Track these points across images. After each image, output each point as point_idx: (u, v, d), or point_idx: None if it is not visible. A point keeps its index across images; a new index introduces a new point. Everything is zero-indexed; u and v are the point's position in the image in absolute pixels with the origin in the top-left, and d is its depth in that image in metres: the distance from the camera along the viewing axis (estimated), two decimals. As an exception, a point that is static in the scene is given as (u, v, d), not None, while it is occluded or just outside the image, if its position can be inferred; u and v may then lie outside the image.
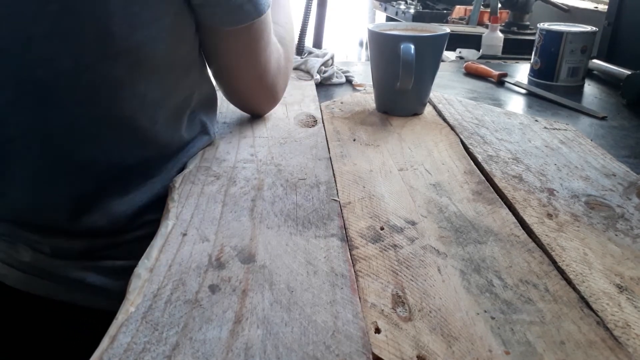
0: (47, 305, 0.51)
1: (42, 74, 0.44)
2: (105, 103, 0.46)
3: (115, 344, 0.30)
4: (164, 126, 0.50)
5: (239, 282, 0.35)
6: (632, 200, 0.48)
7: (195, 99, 0.54)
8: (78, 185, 0.48)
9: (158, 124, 0.50)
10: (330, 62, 0.91)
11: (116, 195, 0.49)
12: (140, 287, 0.35)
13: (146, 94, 0.48)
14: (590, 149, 0.60)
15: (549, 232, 0.43)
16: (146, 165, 0.50)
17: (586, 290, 0.36)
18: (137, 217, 0.50)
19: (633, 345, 0.31)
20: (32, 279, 0.51)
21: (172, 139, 0.52)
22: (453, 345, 0.31)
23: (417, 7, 2.01)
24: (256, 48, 0.55)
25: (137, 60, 0.46)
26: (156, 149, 0.51)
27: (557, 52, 0.89)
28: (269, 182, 0.50)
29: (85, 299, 0.50)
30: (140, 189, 0.50)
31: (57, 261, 0.50)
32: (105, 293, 0.50)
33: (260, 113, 0.67)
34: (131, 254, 0.50)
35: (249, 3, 0.49)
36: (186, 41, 0.50)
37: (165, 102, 0.50)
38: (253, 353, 0.29)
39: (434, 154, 0.58)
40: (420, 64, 0.63)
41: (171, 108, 0.51)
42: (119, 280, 0.50)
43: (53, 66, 0.43)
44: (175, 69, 0.50)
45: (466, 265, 0.38)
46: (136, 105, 0.47)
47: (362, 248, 0.40)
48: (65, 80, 0.44)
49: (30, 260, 0.50)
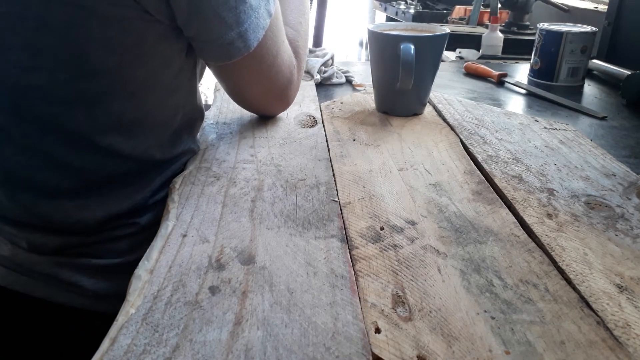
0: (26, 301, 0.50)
1: (18, 82, 0.44)
2: (79, 119, 0.46)
3: (116, 345, 0.30)
4: (143, 145, 0.50)
5: (239, 283, 0.35)
6: (632, 200, 0.48)
7: (179, 118, 0.53)
8: (53, 185, 0.48)
9: (134, 141, 0.49)
10: (330, 62, 0.91)
11: (93, 199, 0.49)
12: (141, 289, 0.35)
13: (123, 113, 0.47)
14: (590, 149, 0.60)
15: (549, 232, 0.43)
16: (123, 176, 0.50)
17: (586, 290, 0.36)
18: (114, 220, 0.50)
19: (633, 345, 0.31)
20: (11, 274, 0.50)
21: (152, 155, 0.51)
22: (453, 345, 0.31)
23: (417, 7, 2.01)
24: (258, 72, 0.55)
25: (113, 82, 0.46)
26: (133, 162, 0.50)
27: (557, 52, 0.89)
28: (268, 183, 0.50)
29: (60, 296, 0.50)
30: (119, 197, 0.50)
31: (35, 256, 0.50)
32: (80, 291, 0.50)
33: (270, 115, 0.67)
34: (107, 253, 0.50)
35: (239, 39, 0.49)
36: (172, 66, 0.50)
37: (144, 122, 0.49)
38: (253, 355, 0.29)
39: (434, 154, 0.58)
40: (420, 64, 0.63)
41: (150, 127, 0.50)
42: (93, 278, 0.50)
43: (29, 77, 0.44)
44: (157, 92, 0.50)
45: (466, 265, 0.38)
46: (111, 123, 0.47)
47: (362, 248, 0.40)
48: (40, 92, 0.44)
49: (9, 254, 0.50)
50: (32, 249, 0.50)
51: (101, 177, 0.49)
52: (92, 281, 0.50)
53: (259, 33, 0.50)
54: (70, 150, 0.47)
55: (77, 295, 0.50)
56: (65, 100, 0.45)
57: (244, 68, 0.53)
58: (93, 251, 0.50)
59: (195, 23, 0.46)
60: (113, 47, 0.44)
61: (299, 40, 0.63)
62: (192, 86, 0.55)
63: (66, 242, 0.50)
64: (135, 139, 0.49)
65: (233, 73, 0.55)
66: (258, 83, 0.57)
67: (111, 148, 0.48)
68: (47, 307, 0.50)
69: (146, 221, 0.52)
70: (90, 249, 0.50)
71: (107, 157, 0.48)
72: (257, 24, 0.49)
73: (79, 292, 0.50)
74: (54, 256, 0.50)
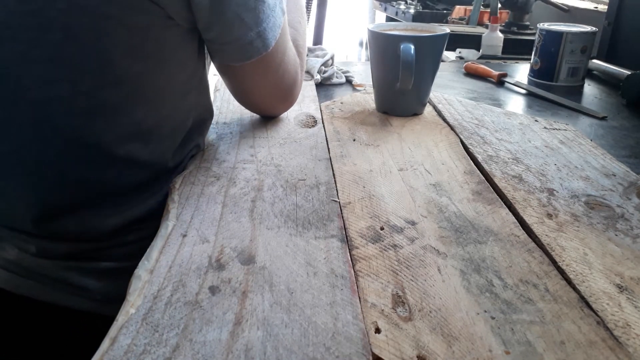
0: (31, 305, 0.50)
1: (38, 95, 0.44)
2: (100, 129, 0.46)
3: (116, 345, 0.30)
4: (158, 150, 0.50)
5: (239, 283, 0.35)
6: (632, 200, 0.48)
7: (190, 121, 0.54)
8: (68, 199, 0.48)
9: (151, 147, 0.49)
10: (330, 62, 0.91)
11: (108, 209, 0.49)
12: (141, 289, 0.35)
13: (142, 120, 0.47)
14: (590, 149, 0.60)
15: (549, 232, 0.43)
16: (138, 185, 0.50)
17: (586, 290, 0.36)
18: (127, 227, 0.50)
19: (633, 345, 0.31)
20: (16, 278, 0.50)
21: (166, 161, 0.51)
22: (453, 345, 0.31)
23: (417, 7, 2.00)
24: (267, 72, 0.55)
25: (134, 89, 0.46)
26: (149, 170, 0.50)
27: (557, 52, 0.89)
28: (268, 183, 0.50)
29: (67, 300, 0.50)
30: (133, 205, 0.50)
31: (42, 260, 0.49)
32: (88, 294, 0.49)
33: (273, 116, 0.67)
34: (116, 257, 0.50)
35: (258, 39, 0.49)
36: (186, 69, 0.50)
37: (160, 128, 0.50)
38: (253, 355, 0.29)
39: (434, 154, 0.58)
40: (420, 64, 0.63)
41: (166, 133, 0.51)
42: (102, 281, 0.49)
43: (50, 90, 0.43)
44: (172, 96, 0.50)
45: (466, 265, 0.38)
46: (131, 132, 0.47)
47: (362, 248, 0.40)
48: (61, 104, 0.44)
49: (15, 258, 0.50)
50: (40, 254, 0.49)
51: (118, 187, 0.49)
52: (101, 284, 0.49)
53: (276, 32, 0.50)
54: (87, 167, 0.47)
55: (84, 299, 0.50)
56: (86, 111, 0.45)
57: (255, 68, 0.53)
58: (103, 255, 0.50)
59: (217, 26, 0.47)
60: (137, 54, 0.44)
61: (299, 39, 0.63)
62: (203, 87, 0.56)
63: (77, 248, 0.49)
64: (152, 144, 0.49)
65: (245, 73, 0.54)
66: (266, 82, 0.57)
67: (129, 156, 0.48)
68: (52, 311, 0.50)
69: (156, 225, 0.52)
70: (101, 253, 0.50)
71: (125, 167, 0.48)
72: (275, 23, 0.50)
73: (87, 296, 0.49)
74: (63, 260, 0.49)
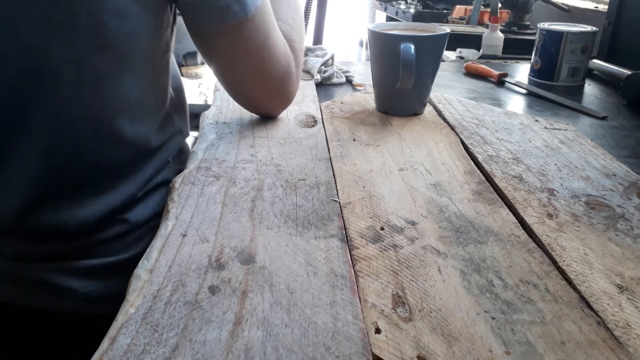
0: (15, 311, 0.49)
1: (27, 65, 0.43)
2: (88, 100, 0.46)
3: (115, 345, 0.30)
4: (142, 126, 0.51)
5: (239, 283, 0.35)
6: (632, 200, 0.48)
7: (168, 99, 0.55)
8: (50, 186, 0.47)
9: (136, 124, 0.50)
10: (330, 62, 0.91)
11: (88, 197, 0.48)
12: (140, 289, 0.35)
13: (128, 92, 0.48)
14: (591, 149, 0.60)
15: (549, 232, 0.42)
16: (121, 166, 0.50)
17: (586, 291, 0.36)
18: (108, 217, 0.50)
19: (634, 345, 0.31)
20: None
21: (148, 140, 0.52)
22: (453, 346, 0.31)
23: (417, 7, 2.00)
24: (250, 48, 0.54)
25: (122, 54, 0.46)
26: (133, 149, 0.51)
27: (557, 52, 0.89)
28: (268, 183, 0.50)
29: (49, 302, 0.49)
30: (114, 190, 0.50)
31: (19, 264, 0.48)
32: (71, 294, 0.48)
33: (271, 115, 0.66)
34: (98, 253, 0.50)
35: (236, 3, 0.49)
36: (162, 40, 0.51)
37: (144, 103, 0.50)
38: (253, 354, 0.29)
39: (434, 154, 0.58)
40: (420, 64, 0.63)
41: (150, 108, 0.52)
42: (85, 280, 0.49)
43: (39, 58, 0.43)
44: (154, 68, 0.51)
45: (466, 265, 0.38)
46: (118, 104, 0.48)
47: (362, 248, 0.40)
48: (50, 73, 0.44)
49: None
50: (17, 258, 0.48)
51: (102, 167, 0.49)
52: (82, 284, 0.49)
53: (257, 1, 0.51)
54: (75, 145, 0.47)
55: (67, 300, 0.49)
56: (75, 80, 0.45)
57: (234, 39, 0.52)
58: (84, 253, 0.49)
59: None
60: (124, 15, 0.45)
61: (294, 34, 0.62)
62: (174, 67, 0.57)
63: (56, 248, 0.49)
64: (137, 122, 0.50)
65: (224, 48, 0.53)
66: (251, 63, 0.55)
67: (116, 134, 0.48)
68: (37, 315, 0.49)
69: (135, 217, 0.52)
70: (82, 252, 0.49)
71: (111, 144, 0.48)
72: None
73: (70, 296, 0.49)
74: (43, 262, 0.48)
